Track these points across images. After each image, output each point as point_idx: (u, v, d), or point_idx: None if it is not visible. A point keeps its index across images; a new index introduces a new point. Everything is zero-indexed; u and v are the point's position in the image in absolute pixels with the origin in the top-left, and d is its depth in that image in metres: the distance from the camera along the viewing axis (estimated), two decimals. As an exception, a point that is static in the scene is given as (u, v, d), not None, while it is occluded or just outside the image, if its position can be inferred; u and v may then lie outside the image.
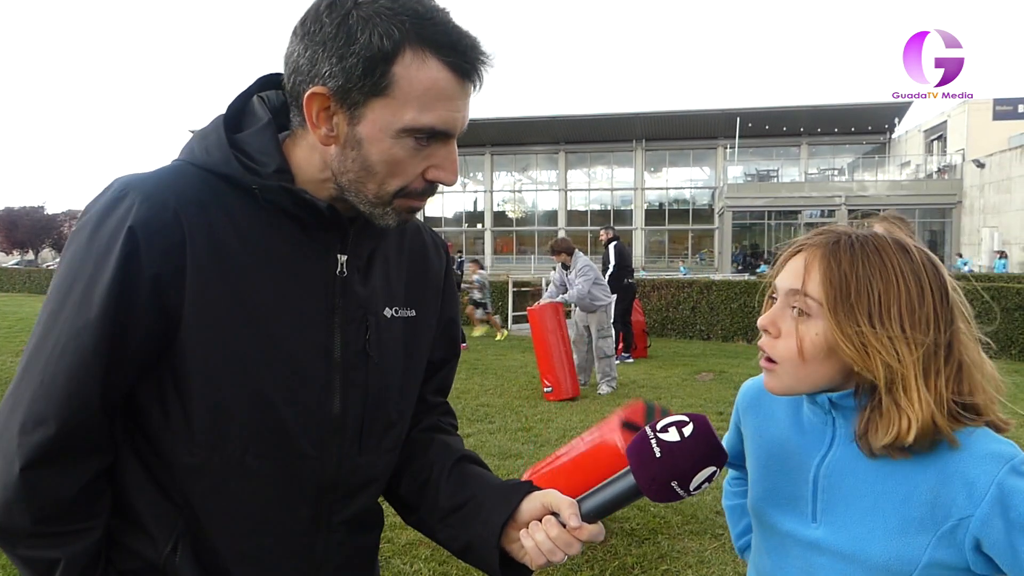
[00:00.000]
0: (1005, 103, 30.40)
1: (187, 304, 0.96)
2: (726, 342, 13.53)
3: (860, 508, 1.06)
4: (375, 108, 0.96)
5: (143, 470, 1.02)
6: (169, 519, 1.02)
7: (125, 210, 0.94)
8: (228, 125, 1.05)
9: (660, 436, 1.03)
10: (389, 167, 1.00)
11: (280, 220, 1.03)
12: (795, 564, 1.14)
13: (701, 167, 45.83)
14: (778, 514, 1.16)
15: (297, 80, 0.99)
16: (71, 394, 0.93)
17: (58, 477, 0.95)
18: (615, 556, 3.92)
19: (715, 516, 4.48)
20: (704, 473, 1.01)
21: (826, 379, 1.07)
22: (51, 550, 0.96)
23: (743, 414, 1.30)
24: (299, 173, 1.05)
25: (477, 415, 7.17)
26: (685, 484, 1.01)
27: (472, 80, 1.00)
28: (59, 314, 0.94)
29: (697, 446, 1.01)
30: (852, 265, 1.04)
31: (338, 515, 1.12)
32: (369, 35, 0.93)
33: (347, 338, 1.08)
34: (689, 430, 1.02)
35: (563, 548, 1.06)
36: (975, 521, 0.97)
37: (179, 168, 1.02)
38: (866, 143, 41.89)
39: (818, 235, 1.11)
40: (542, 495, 1.12)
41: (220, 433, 1.00)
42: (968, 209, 30.39)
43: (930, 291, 1.04)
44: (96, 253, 0.94)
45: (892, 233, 1.10)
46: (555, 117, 42.34)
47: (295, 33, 1.00)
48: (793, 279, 1.08)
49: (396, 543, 4.01)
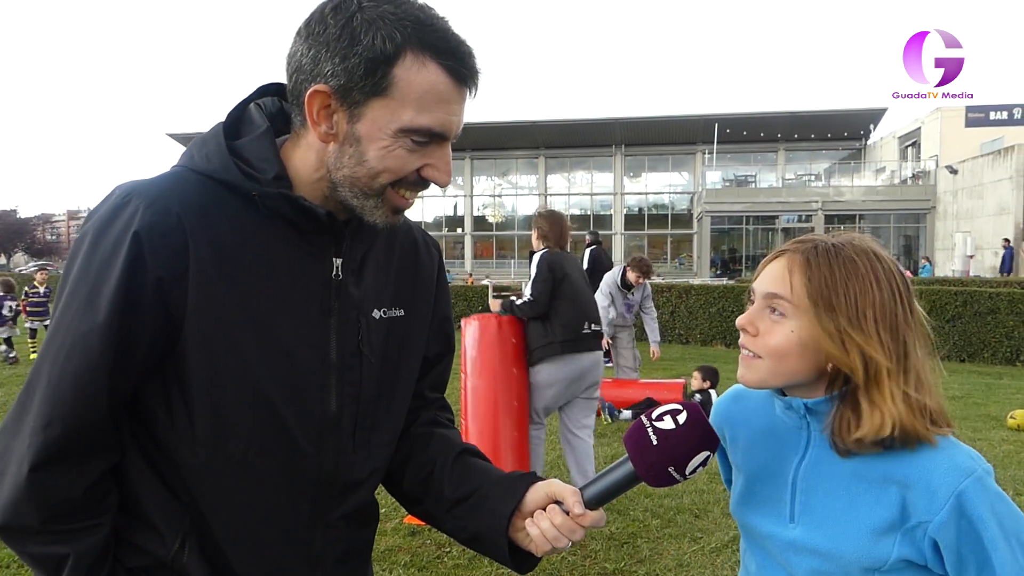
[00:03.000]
0: (977, 110, 30.89)
1: (190, 307, 0.99)
2: (705, 346, 13.61)
3: (835, 508, 1.13)
4: (375, 108, 1.00)
5: (150, 469, 1.06)
6: (177, 516, 1.05)
7: (129, 216, 0.97)
8: (227, 132, 1.08)
9: (656, 425, 1.08)
10: (384, 163, 1.03)
11: (278, 225, 1.06)
12: (776, 564, 1.20)
13: (680, 172, 46.07)
14: (758, 517, 1.22)
15: (299, 79, 1.03)
16: (78, 395, 0.95)
17: (66, 477, 0.97)
18: (595, 561, 3.93)
19: (694, 520, 4.51)
20: (699, 458, 1.07)
21: (799, 375, 1.14)
22: (60, 546, 0.98)
23: (720, 428, 1.35)
24: (296, 176, 1.08)
25: (459, 416, 7.15)
26: (681, 469, 1.07)
27: (468, 86, 1.04)
28: (65, 318, 0.97)
29: (691, 432, 1.06)
30: (830, 269, 1.11)
31: (335, 511, 1.16)
32: (372, 37, 0.97)
33: (342, 339, 1.12)
34: (683, 418, 1.07)
35: (567, 535, 1.11)
36: (932, 526, 1.05)
37: (180, 174, 1.05)
38: (842, 149, 42.36)
39: (797, 243, 1.18)
40: (545, 485, 1.16)
41: (222, 432, 1.04)
42: (942, 214, 30.85)
43: (899, 296, 1.12)
44: (101, 258, 0.96)
45: (864, 241, 1.17)
46: (535, 122, 42.40)
47: (299, 34, 1.03)
48: (770, 283, 1.15)
49: (375, 549, 3.99)
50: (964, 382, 9.61)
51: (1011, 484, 5.21)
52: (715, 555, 3.98)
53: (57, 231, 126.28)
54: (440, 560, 3.86)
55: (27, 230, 62.81)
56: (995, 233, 25.75)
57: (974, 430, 6.97)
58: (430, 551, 3.96)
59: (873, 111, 38.84)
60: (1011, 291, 12.15)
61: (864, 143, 41.24)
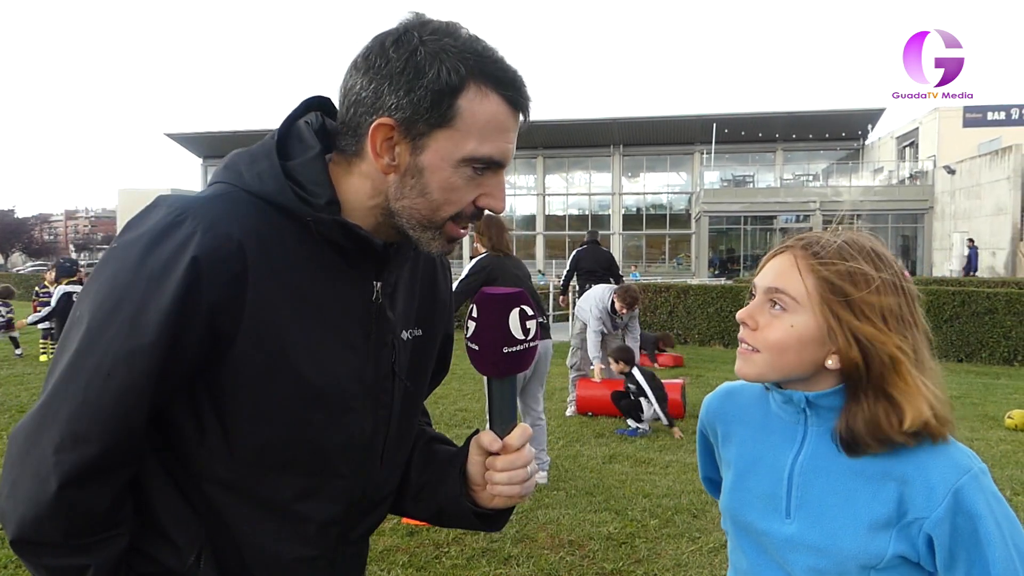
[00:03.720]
0: (975, 111, 30.90)
1: (243, 332, 0.98)
2: (703, 346, 13.62)
3: (832, 503, 1.13)
4: (439, 138, 1.01)
5: (169, 481, 1.05)
6: (193, 529, 1.05)
7: (185, 236, 0.95)
8: (279, 152, 1.06)
9: (468, 338, 1.11)
10: (446, 194, 1.04)
11: (326, 250, 1.05)
12: (771, 561, 1.20)
13: (678, 172, 46.08)
14: (753, 513, 1.22)
15: (359, 111, 1.02)
16: (118, 415, 0.93)
17: (96, 493, 0.96)
18: (593, 561, 3.93)
19: (692, 520, 4.51)
20: (514, 320, 1.08)
21: (797, 369, 1.14)
22: (81, 557, 0.97)
23: (712, 425, 1.36)
24: (346, 201, 1.07)
25: (455, 420, 7.17)
26: (512, 341, 1.08)
27: (524, 114, 1.06)
28: (103, 333, 0.93)
29: (489, 312, 1.08)
30: (833, 263, 1.11)
31: (357, 529, 1.18)
32: (438, 70, 0.98)
33: (378, 362, 1.13)
34: (475, 311, 1.10)
35: (510, 469, 1.11)
36: (928, 522, 1.06)
37: (233, 195, 1.03)
38: (840, 149, 42.35)
39: (800, 238, 1.18)
40: (473, 441, 1.18)
41: (261, 452, 1.04)
42: (939, 214, 30.87)
43: (903, 291, 1.13)
44: (149, 276, 0.93)
45: (865, 238, 1.18)
46: (533, 123, 41.38)
47: (356, 67, 1.03)
48: (773, 278, 1.16)
49: (373, 549, 3.99)
50: (962, 382, 9.63)
51: (1008, 484, 5.21)
52: (713, 555, 3.98)
53: (55, 231, 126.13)
54: (438, 560, 3.86)
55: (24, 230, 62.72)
56: (992, 233, 25.78)
57: (972, 430, 6.98)
58: (428, 551, 3.96)
59: (871, 111, 38.89)
60: (1009, 291, 12.17)
61: (862, 143, 41.25)
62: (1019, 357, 11.49)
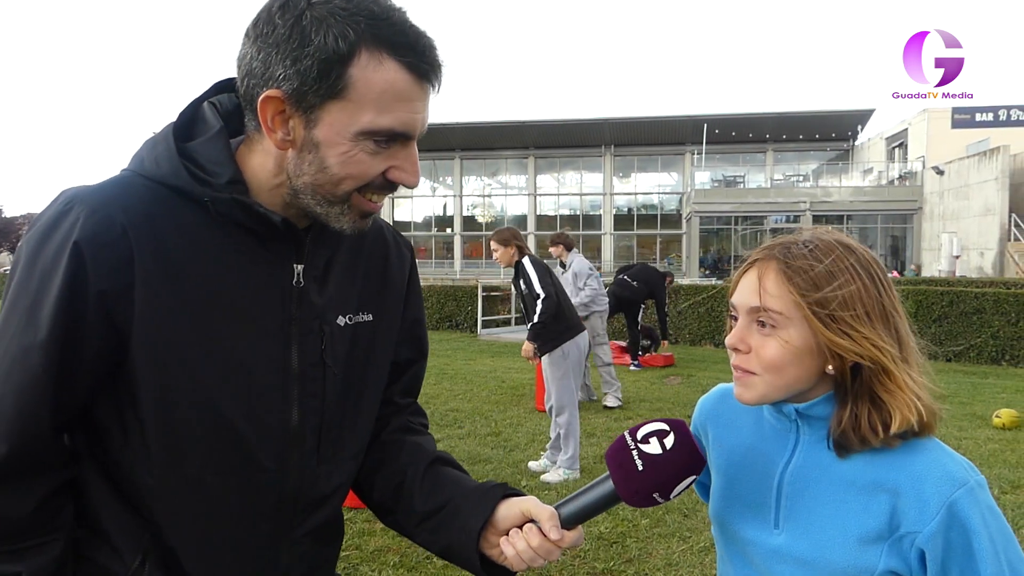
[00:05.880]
0: (963, 112, 31.07)
1: (136, 321, 0.94)
2: (694, 346, 13.65)
3: (822, 515, 1.08)
4: (332, 111, 0.94)
5: (109, 486, 1.01)
6: (137, 534, 1.01)
7: (70, 225, 0.92)
8: (178, 134, 1.02)
9: (641, 448, 1.02)
10: (347, 168, 0.97)
11: (234, 231, 1.01)
12: (757, 571, 1.16)
13: (669, 173, 46.15)
14: (740, 522, 1.18)
15: (251, 83, 0.97)
16: (21, 414, 0.91)
17: (11, 497, 0.93)
18: (584, 561, 3.94)
19: (683, 519, 4.52)
20: (685, 482, 1.03)
21: (800, 382, 1.09)
22: (12, 564, 0.94)
23: (704, 427, 1.32)
24: (253, 180, 1.02)
25: (446, 420, 7.16)
26: (666, 493, 1.02)
27: (431, 81, 0.98)
28: (4, 332, 0.92)
29: (679, 458, 1.02)
30: (809, 267, 1.06)
31: (300, 527, 1.12)
32: (323, 36, 0.91)
33: (304, 349, 1.07)
34: (671, 441, 1.02)
35: (544, 556, 1.08)
36: (922, 537, 1.01)
37: (127, 180, 0.99)
38: (830, 150, 42.55)
39: (766, 249, 1.12)
40: (520, 502, 1.12)
41: (177, 451, 0.99)
42: (928, 215, 31.02)
43: (880, 283, 1.08)
44: (41, 270, 0.91)
45: (831, 234, 1.13)
46: (525, 122, 42.34)
47: (247, 35, 0.97)
48: (750, 296, 1.09)
49: (364, 550, 3.98)
50: (950, 381, 9.69)
51: (996, 483, 5.25)
52: (704, 554, 4.00)
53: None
54: (429, 560, 3.86)
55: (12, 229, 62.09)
56: (980, 234, 25.94)
57: (960, 429, 7.02)
58: (419, 551, 3.95)
59: (861, 112, 39.04)
60: (997, 291, 12.24)
61: (852, 144, 41.44)
62: (1007, 356, 11.57)
